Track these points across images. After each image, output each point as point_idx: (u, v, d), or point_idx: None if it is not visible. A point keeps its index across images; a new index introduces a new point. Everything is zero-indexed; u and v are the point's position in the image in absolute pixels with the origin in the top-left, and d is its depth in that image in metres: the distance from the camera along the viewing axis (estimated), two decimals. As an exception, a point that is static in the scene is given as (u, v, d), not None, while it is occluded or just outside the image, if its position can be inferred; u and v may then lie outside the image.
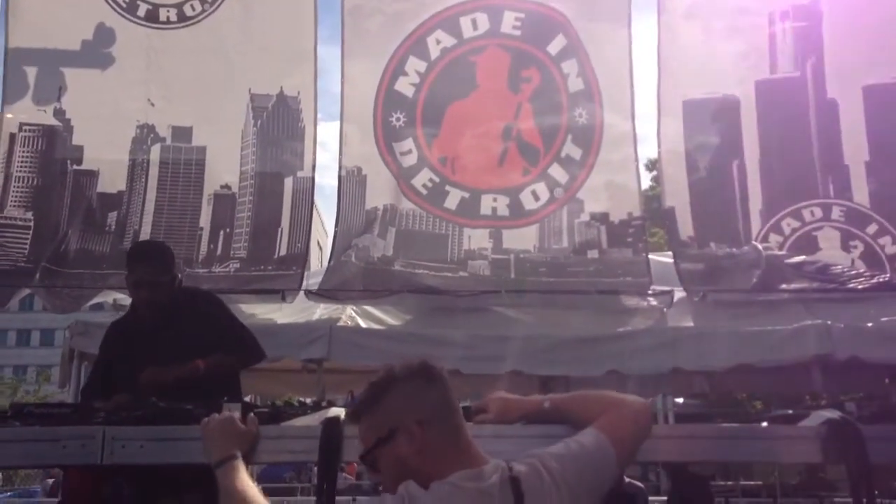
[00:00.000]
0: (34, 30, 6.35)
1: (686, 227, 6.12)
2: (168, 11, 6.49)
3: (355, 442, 2.13)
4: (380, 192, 6.29)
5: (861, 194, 6.03)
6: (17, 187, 6.10)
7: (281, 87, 6.38)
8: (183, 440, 2.38)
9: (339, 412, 2.49)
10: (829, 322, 5.36)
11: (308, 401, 5.94)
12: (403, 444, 1.87)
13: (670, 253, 6.31)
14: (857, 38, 6.29)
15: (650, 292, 5.98)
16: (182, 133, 6.32)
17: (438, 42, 6.35)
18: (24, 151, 6.16)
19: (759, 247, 6.00)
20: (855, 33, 6.30)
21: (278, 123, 6.37)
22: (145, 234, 6.00)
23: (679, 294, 6.03)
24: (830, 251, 6.01)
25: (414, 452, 1.86)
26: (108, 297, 6.23)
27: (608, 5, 6.41)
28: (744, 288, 5.92)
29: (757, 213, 6.12)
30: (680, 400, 6.75)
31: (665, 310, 5.99)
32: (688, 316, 5.95)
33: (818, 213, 6.07)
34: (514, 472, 1.84)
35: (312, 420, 2.55)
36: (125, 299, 6.47)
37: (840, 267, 5.92)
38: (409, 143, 6.29)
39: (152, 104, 6.30)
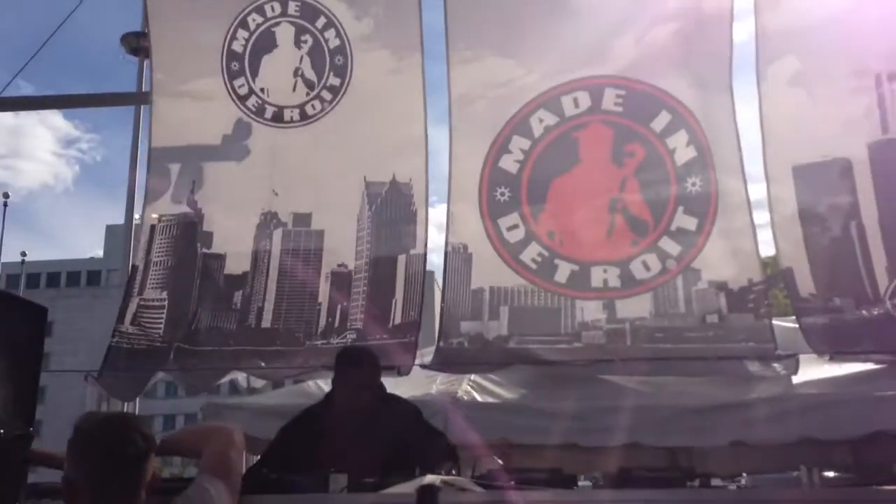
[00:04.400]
0: (175, 131, 7.05)
1: (806, 286, 5.92)
2: (292, 112, 7.07)
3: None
4: (485, 272, 6.41)
5: None
6: (155, 271, 6.67)
7: (393, 174, 6.74)
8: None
9: (435, 479, 2.65)
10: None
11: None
12: (64, 493, 2.13)
13: (794, 317, 6.08)
14: (974, 93, 6.11)
15: (775, 358, 5.74)
16: (302, 219, 6.78)
17: (541, 121, 6.58)
18: (161, 239, 6.77)
19: (889, 304, 5.72)
20: (971, 88, 6.13)
21: (391, 208, 6.71)
22: (268, 311, 6.38)
23: (804, 359, 5.79)
24: (971, 306, 5.64)
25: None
26: (241, 376, 6.54)
27: (709, 73, 6.46)
28: (875, 350, 5.62)
29: (883, 270, 5.83)
30: (830, 474, 6.36)
31: (791, 377, 5.74)
32: (815, 382, 5.70)
33: (950, 266, 5.75)
34: None
35: (409, 487, 2.65)
36: (256, 380, 6.80)
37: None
38: (514, 218, 6.44)
39: (276, 194, 6.80)
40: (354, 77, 7.04)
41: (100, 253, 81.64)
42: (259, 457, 4.41)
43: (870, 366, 5.73)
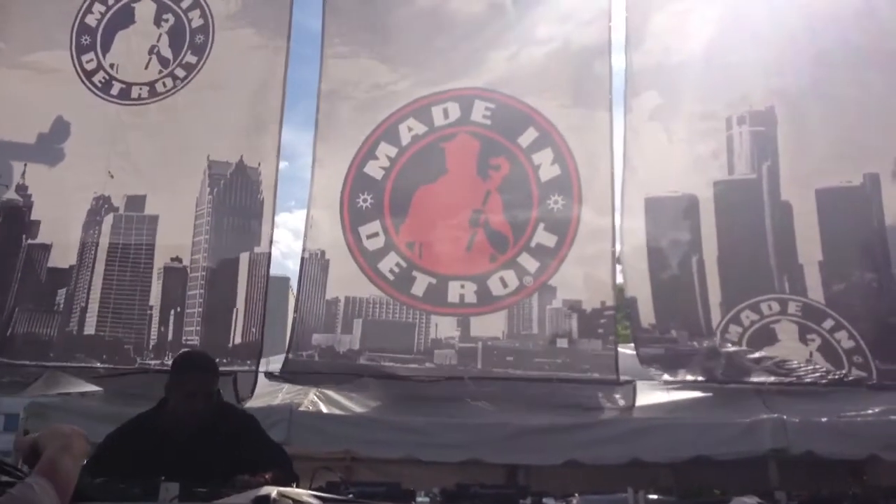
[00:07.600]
0: (10, 103, 6.48)
1: (647, 316, 6.20)
2: (140, 89, 6.65)
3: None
4: (342, 282, 6.23)
5: (815, 292, 6.16)
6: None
7: (241, 156, 6.32)
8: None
9: (271, 490, 2.56)
10: (784, 417, 5.43)
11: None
12: None
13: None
14: (811, 144, 6.54)
15: (616, 393, 5.97)
16: (135, 202, 6.28)
17: (410, 129, 6.49)
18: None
19: (719, 338, 6.10)
20: (808, 139, 6.56)
21: (236, 194, 6.29)
22: (92, 312, 5.89)
23: (638, 385, 6.05)
24: (789, 343, 6.09)
25: None
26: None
27: (587, 92, 6.57)
28: (703, 378, 5.97)
29: (717, 306, 6.21)
30: (653, 496, 6.66)
31: (628, 405, 5.98)
32: (646, 407, 5.96)
33: (775, 307, 6.18)
34: None
35: (244, 498, 2.59)
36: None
37: (798, 361, 6.01)
38: (375, 226, 6.31)
39: (111, 176, 6.30)
40: (213, 54, 6.64)
41: None
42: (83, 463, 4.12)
43: (697, 394, 6.06)
